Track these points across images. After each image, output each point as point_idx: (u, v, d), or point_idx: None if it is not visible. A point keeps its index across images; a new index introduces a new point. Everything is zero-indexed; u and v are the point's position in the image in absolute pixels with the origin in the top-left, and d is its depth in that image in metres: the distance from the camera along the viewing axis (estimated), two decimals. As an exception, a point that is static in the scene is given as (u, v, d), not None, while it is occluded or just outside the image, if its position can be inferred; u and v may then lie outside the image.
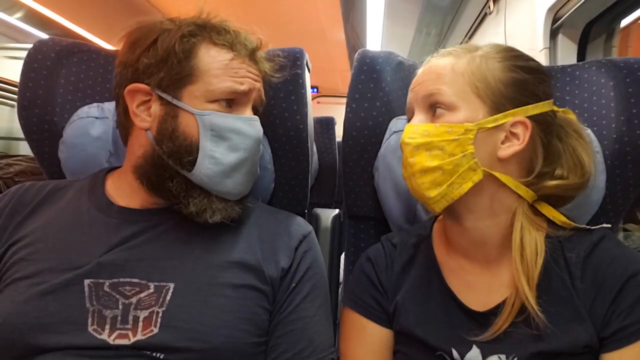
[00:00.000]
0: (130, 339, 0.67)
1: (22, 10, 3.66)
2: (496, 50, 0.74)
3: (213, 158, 0.75)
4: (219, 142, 0.76)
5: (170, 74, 0.75)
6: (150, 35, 0.77)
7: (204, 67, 0.76)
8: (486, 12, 2.39)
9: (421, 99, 0.75)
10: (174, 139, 0.75)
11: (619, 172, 0.90)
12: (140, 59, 0.76)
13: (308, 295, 0.81)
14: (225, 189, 0.78)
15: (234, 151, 0.77)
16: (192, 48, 0.76)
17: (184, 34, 0.76)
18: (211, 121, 0.75)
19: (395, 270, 0.82)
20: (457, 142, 0.70)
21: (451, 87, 0.72)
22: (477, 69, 0.72)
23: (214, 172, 0.76)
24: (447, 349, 0.71)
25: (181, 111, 0.76)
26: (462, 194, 0.71)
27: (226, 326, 0.71)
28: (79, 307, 0.69)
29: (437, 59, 0.76)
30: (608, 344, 0.65)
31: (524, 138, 0.70)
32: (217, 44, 0.78)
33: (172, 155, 0.75)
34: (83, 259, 0.73)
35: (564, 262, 0.70)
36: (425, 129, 0.72)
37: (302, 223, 0.91)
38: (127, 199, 0.81)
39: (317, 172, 2.04)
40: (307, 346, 0.77)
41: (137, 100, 0.78)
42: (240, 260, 0.77)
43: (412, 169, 0.74)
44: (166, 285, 0.72)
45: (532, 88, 0.72)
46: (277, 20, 4.17)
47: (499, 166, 0.71)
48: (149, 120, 0.77)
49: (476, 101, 0.71)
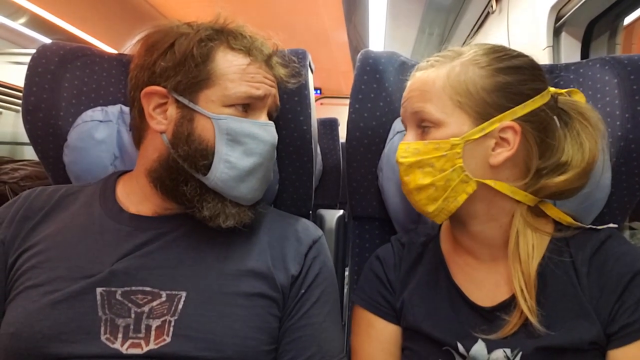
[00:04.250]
0: (142, 349, 0.67)
1: (26, 15, 3.67)
2: (479, 54, 0.73)
3: (228, 162, 0.75)
4: (234, 146, 0.76)
5: (188, 78, 0.75)
6: (167, 39, 0.77)
7: (221, 72, 0.76)
8: (489, 11, 2.39)
9: (409, 116, 0.76)
10: (189, 143, 0.75)
11: (624, 169, 0.89)
12: (157, 62, 0.77)
13: (317, 302, 0.81)
14: (239, 193, 0.78)
15: (249, 156, 0.77)
16: (209, 52, 0.76)
17: (202, 38, 0.77)
18: (227, 125, 0.75)
19: (403, 268, 0.83)
20: (446, 158, 0.70)
21: (435, 103, 0.72)
22: (457, 80, 0.71)
23: (229, 176, 0.76)
24: (453, 342, 0.71)
25: (197, 115, 0.76)
26: (458, 206, 0.72)
27: (238, 335, 0.71)
28: (91, 315, 0.69)
29: (421, 72, 0.76)
30: (614, 340, 0.65)
31: (513, 143, 0.70)
32: (234, 49, 0.78)
33: (188, 159, 0.76)
34: (95, 267, 0.72)
35: (570, 260, 0.70)
36: (416, 147, 0.73)
37: (312, 228, 0.90)
38: (139, 204, 0.81)
39: (321, 173, 2.05)
40: (316, 352, 0.77)
41: (153, 103, 0.78)
42: (252, 268, 0.77)
43: (408, 187, 0.75)
44: (178, 294, 0.72)
45: (518, 89, 0.71)
46: (279, 22, 4.17)
47: (493, 173, 0.71)
48: (165, 123, 0.77)
49: (460, 114, 0.70)
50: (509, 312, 0.70)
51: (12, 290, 0.73)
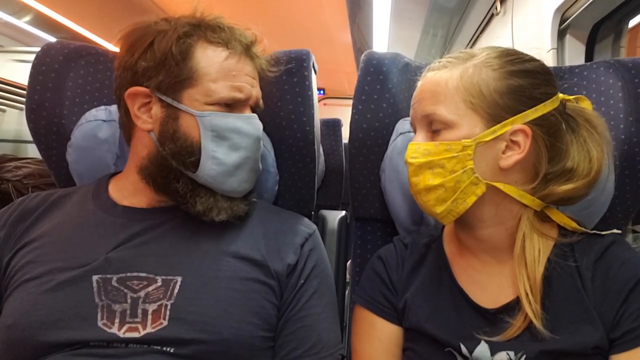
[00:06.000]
0: (140, 332, 0.68)
1: (31, 13, 3.68)
2: (492, 56, 0.73)
3: (215, 159, 0.76)
4: (220, 142, 0.77)
5: (169, 77, 0.76)
6: (146, 37, 0.78)
7: (202, 70, 0.76)
8: (493, 13, 2.38)
9: (420, 118, 0.75)
10: (175, 140, 0.76)
11: (628, 173, 0.89)
12: (139, 61, 0.77)
13: (315, 293, 0.82)
14: (229, 187, 0.79)
15: (235, 150, 0.78)
16: (188, 49, 0.77)
17: (180, 35, 0.77)
18: (211, 122, 0.76)
19: (405, 269, 0.83)
20: (457, 159, 0.70)
21: (447, 105, 0.71)
22: (470, 82, 0.71)
23: (217, 172, 0.77)
24: (456, 344, 0.71)
25: (182, 113, 0.76)
26: (467, 208, 0.72)
27: (234, 319, 0.72)
28: (88, 302, 0.70)
29: (432, 72, 0.76)
30: (617, 345, 0.65)
31: (524, 146, 0.70)
32: (213, 42, 0.78)
33: (175, 157, 0.76)
34: (90, 256, 0.74)
35: (575, 265, 0.70)
36: (426, 148, 0.73)
37: (306, 222, 0.92)
38: (132, 198, 0.82)
39: (323, 173, 2.05)
40: (316, 342, 0.78)
41: (137, 103, 0.79)
42: (246, 255, 0.78)
43: (417, 187, 0.74)
44: (174, 279, 0.73)
45: (530, 92, 0.70)
46: (284, 22, 4.18)
47: (502, 176, 0.71)
48: (151, 122, 0.78)
49: (473, 116, 0.70)
50: (513, 314, 0.70)
51: (9, 287, 0.74)
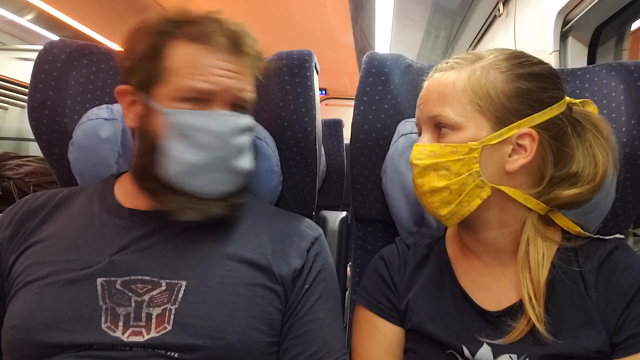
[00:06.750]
0: (144, 336, 0.68)
1: (33, 12, 3.69)
2: (500, 59, 0.72)
3: (174, 157, 0.74)
4: (182, 140, 0.74)
5: (144, 75, 0.76)
6: (132, 36, 0.78)
7: (171, 67, 0.75)
8: (495, 14, 2.38)
9: (426, 119, 0.75)
10: (145, 138, 0.77)
11: (629, 176, 0.89)
12: (124, 60, 0.78)
13: (320, 298, 0.82)
14: (196, 188, 0.75)
15: (199, 149, 0.74)
16: (161, 47, 0.75)
17: (155, 33, 0.76)
18: (175, 119, 0.74)
19: (407, 269, 0.83)
20: (463, 162, 0.70)
21: (454, 107, 0.71)
22: (478, 84, 0.70)
23: (177, 171, 0.74)
24: (458, 346, 0.71)
25: (153, 111, 0.76)
26: (471, 210, 0.72)
27: (239, 324, 0.72)
28: (92, 305, 0.69)
29: (440, 73, 0.75)
30: (619, 350, 0.65)
31: (531, 150, 0.69)
32: (191, 40, 0.75)
33: (144, 155, 0.77)
34: (95, 258, 0.73)
35: (578, 269, 0.70)
36: (432, 150, 0.72)
37: (313, 225, 0.91)
38: (134, 200, 0.82)
39: (324, 174, 2.04)
40: (321, 347, 0.78)
41: (125, 101, 0.80)
42: (251, 260, 0.78)
43: (421, 189, 0.74)
44: (178, 283, 0.72)
45: (538, 96, 0.70)
46: (286, 22, 4.18)
47: (508, 179, 0.71)
48: (135, 119, 0.79)
49: (480, 118, 0.70)
50: (515, 318, 0.69)
51: (13, 288, 0.74)
